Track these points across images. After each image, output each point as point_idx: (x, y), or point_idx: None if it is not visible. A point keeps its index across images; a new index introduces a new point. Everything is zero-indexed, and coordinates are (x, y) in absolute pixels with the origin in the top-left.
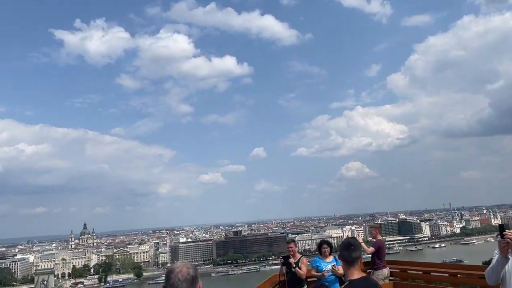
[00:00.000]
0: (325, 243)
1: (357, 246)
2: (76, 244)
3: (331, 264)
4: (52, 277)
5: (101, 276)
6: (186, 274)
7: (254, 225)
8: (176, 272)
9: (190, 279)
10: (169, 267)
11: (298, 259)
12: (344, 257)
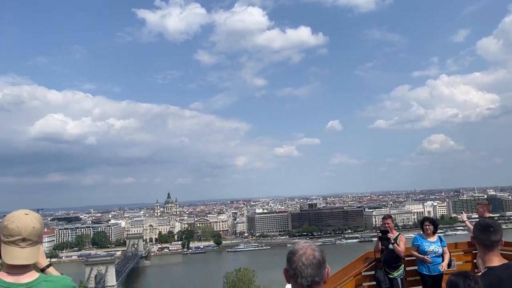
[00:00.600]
0: (427, 220)
1: (497, 228)
2: (161, 212)
3: (435, 244)
4: (141, 241)
5: (184, 242)
6: (312, 258)
7: (329, 199)
8: (300, 254)
9: (316, 263)
10: (291, 248)
11: (396, 236)
12: (481, 241)
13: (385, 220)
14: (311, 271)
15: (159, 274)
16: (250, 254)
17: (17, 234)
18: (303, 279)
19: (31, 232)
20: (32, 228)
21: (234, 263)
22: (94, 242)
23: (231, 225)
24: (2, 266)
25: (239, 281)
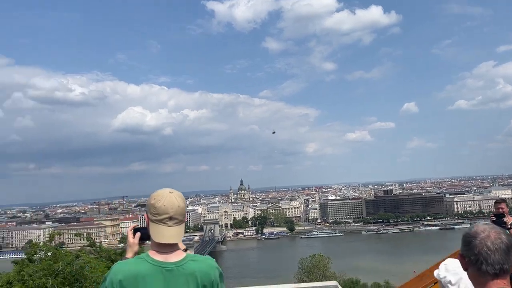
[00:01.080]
0: None
1: None
2: (235, 198)
3: None
4: (217, 226)
5: (258, 228)
6: (499, 242)
7: (406, 185)
8: (482, 237)
9: (504, 248)
10: (468, 231)
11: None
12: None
13: (498, 204)
14: (499, 257)
15: (235, 258)
16: (324, 240)
17: (164, 213)
18: (489, 266)
19: (177, 210)
20: (177, 207)
21: (307, 249)
22: None
23: (303, 211)
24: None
25: (314, 267)
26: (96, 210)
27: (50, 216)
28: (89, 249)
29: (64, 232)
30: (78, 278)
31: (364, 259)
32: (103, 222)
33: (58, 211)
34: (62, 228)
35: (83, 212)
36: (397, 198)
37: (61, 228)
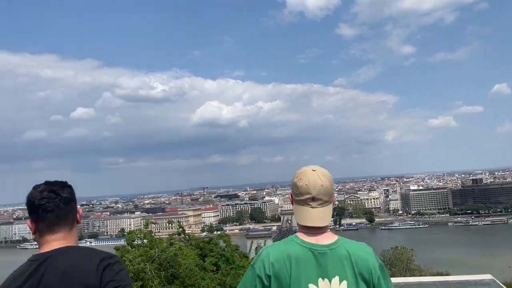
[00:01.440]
0: None
1: None
2: None
3: None
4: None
5: (336, 219)
6: None
7: (497, 173)
8: None
9: None
10: None
11: None
12: None
13: None
14: None
15: None
16: (406, 232)
17: (306, 193)
18: None
19: (320, 190)
20: (320, 186)
21: (389, 241)
22: (252, 217)
23: (383, 202)
24: None
25: (397, 259)
26: (179, 201)
27: (139, 206)
28: (179, 237)
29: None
30: (172, 265)
31: (452, 252)
32: (186, 212)
33: (145, 202)
34: (149, 217)
35: (167, 203)
36: (489, 187)
37: (149, 217)
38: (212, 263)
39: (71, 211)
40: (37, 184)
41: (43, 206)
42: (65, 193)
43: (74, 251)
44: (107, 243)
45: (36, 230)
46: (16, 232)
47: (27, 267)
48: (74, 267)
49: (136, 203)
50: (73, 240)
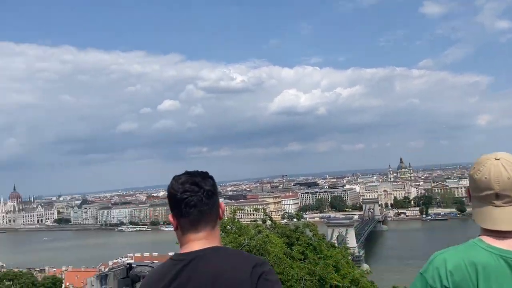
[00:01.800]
0: None
1: None
2: (394, 177)
3: None
4: (377, 206)
5: (422, 208)
6: None
7: None
8: None
9: None
10: None
11: None
12: None
13: None
14: None
15: (398, 239)
16: None
17: (486, 188)
18: None
19: (506, 184)
20: (506, 179)
21: None
22: (332, 206)
23: None
24: None
25: None
26: (259, 188)
27: (222, 193)
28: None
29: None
30: (262, 252)
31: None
32: (266, 199)
33: (228, 189)
34: (232, 204)
35: (248, 190)
36: None
37: (231, 204)
38: (299, 251)
39: (214, 206)
40: (177, 174)
41: (186, 200)
42: (208, 185)
43: (222, 253)
44: None
45: (179, 226)
46: (114, 216)
47: (170, 268)
48: (224, 272)
49: (220, 190)
50: (216, 239)
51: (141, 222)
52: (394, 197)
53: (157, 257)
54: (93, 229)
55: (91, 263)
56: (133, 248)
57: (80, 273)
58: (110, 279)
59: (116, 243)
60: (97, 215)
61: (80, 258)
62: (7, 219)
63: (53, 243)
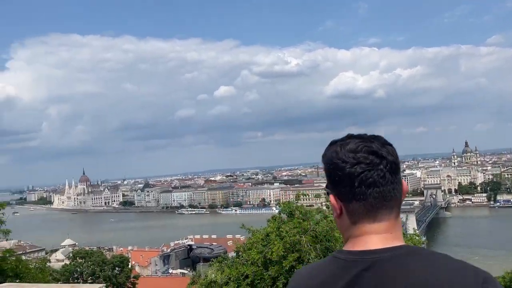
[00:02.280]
0: None
1: None
2: (459, 162)
3: None
4: (440, 192)
5: (490, 194)
6: None
7: None
8: None
9: None
10: None
11: None
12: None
13: None
14: None
15: (463, 226)
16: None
17: None
18: None
19: None
20: None
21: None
22: None
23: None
24: None
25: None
26: (315, 173)
27: (277, 178)
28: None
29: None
30: (329, 238)
31: None
32: (322, 184)
33: (283, 174)
34: (287, 189)
35: (303, 175)
36: None
37: (287, 189)
38: None
39: (399, 185)
40: (337, 139)
41: (361, 177)
42: (391, 154)
43: (424, 257)
44: (250, 211)
45: (345, 212)
46: (174, 199)
47: (339, 270)
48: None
49: (275, 175)
50: (399, 232)
51: (200, 205)
52: (459, 182)
53: (216, 240)
54: (155, 212)
55: (154, 244)
56: (192, 230)
57: (144, 253)
58: (172, 259)
59: (177, 225)
60: (159, 198)
61: (144, 239)
62: (78, 201)
63: (119, 224)
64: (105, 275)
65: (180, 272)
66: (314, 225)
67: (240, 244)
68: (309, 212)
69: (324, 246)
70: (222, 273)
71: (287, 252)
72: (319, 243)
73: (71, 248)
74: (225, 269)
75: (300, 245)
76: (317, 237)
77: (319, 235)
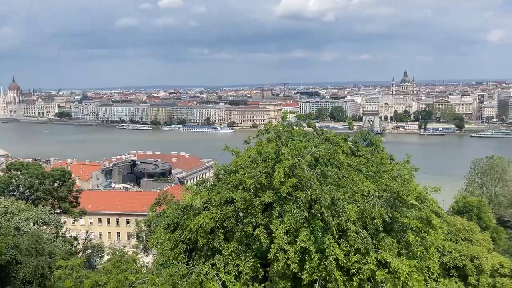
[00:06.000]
0: None
1: None
2: (397, 90)
3: None
4: (377, 118)
5: (421, 123)
6: None
7: None
8: None
9: None
10: None
11: None
12: None
13: None
14: None
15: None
16: (500, 142)
17: None
18: None
19: None
20: None
21: (478, 150)
22: (332, 116)
23: (476, 108)
24: None
25: (491, 169)
26: (260, 95)
27: (222, 98)
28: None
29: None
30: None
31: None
32: (267, 106)
33: (228, 94)
34: (232, 109)
35: (249, 96)
36: None
37: (232, 109)
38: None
39: None
40: None
41: None
42: None
43: None
44: (194, 129)
45: None
46: (115, 114)
47: None
48: None
49: (220, 94)
50: None
51: (142, 121)
52: (395, 110)
53: (160, 156)
54: (94, 125)
55: (95, 158)
56: (135, 145)
57: (85, 166)
58: (115, 173)
59: (118, 140)
60: (98, 112)
61: (84, 152)
62: (8, 110)
63: (56, 136)
64: (45, 188)
65: (123, 186)
66: (313, 148)
67: (221, 167)
68: (309, 134)
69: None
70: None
71: (285, 177)
72: (317, 167)
73: (3, 158)
74: (203, 193)
75: (299, 170)
76: (317, 160)
77: (322, 159)
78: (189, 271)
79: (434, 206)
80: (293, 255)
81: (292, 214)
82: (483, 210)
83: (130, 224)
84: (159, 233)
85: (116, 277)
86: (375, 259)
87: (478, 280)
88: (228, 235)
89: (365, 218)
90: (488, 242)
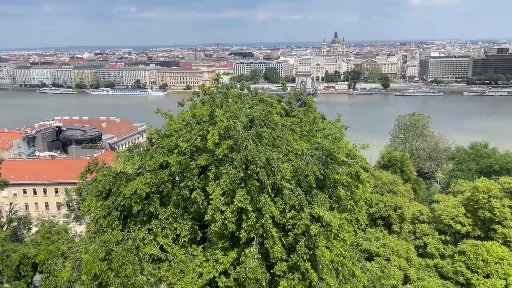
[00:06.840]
0: None
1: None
2: (328, 51)
3: None
4: (309, 79)
5: (351, 83)
6: None
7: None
8: None
9: None
10: None
11: None
12: None
13: None
14: None
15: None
16: (421, 99)
17: None
18: None
19: None
20: None
21: (402, 107)
22: (266, 77)
23: (400, 68)
24: None
25: (412, 125)
26: (192, 56)
27: (153, 59)
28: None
29: (166, 74)
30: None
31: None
32: (200, 67)
33: (159, 55)
34: (164, 70)
35: (181, 57)
36: None
37: (163, 70)
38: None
39: None
40: None
41: None
42: None
43: None
44: (124, 92)
45: None
46: (34, 77)
47: None
48: None
49: (150, 55)
50: None
51: (66, 85)
52: (326, 71)
53: (88, 121)
54: (11, 89)
55: (15, 125)
56: (60, 111)
57: (4, 134)
58: (39, 141)
59: (41, 105)
60: (15, 75)
61: (2, 119)
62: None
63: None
64: None
65: (49, 155)
66: (247, 110)
67: (154, 131)
68: (244, 96)
69: (257, 131)
70: (133, 164)
71: (221, 139)
72: (253, 128)
73: None
74: (136, 158)
75: (235, 131)
76: (253, 121)
77: (256, 119)
78: (125, 237)
79: (362, 162)
80: (230, 215)
81: (228, 176)
82: (405, 164)
83: (59, 194)
84: (90, 200)
85: (46, 248)
86: (309, 215)
87: (400, 228)
88: (164, 199)
89: (299, 176)
90: (410, 193)
